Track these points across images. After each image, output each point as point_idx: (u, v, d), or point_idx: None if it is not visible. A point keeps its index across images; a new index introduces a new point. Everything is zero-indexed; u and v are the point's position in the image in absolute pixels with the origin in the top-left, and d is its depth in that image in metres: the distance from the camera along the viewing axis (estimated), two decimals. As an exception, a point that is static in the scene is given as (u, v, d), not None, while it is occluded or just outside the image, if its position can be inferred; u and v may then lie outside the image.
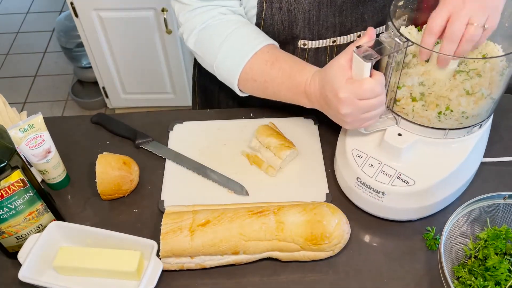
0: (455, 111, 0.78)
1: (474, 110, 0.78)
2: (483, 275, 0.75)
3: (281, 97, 0.90)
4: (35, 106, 2.68)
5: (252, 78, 0.90)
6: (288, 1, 0.91)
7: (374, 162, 0.83)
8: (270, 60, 0.88)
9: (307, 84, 0.84)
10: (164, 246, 0.79)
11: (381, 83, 0.74)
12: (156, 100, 2.46)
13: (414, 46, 0.77)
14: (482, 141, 0.88)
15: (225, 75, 0.93)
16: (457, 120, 0.79)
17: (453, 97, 0.77)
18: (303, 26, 0.95)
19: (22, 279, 0.77)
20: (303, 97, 0.86)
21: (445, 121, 0.80)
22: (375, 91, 0.74)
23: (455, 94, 0.77)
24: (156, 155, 1.01)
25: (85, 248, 0.83)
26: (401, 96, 0.81)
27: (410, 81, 0.79)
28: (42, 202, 0.83)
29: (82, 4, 2.03)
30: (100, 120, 1.08)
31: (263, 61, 0.89)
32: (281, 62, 0.88)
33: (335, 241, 0.80)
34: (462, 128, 0.81)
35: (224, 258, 0.81)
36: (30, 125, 0.87)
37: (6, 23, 3.26)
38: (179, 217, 0.81)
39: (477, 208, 0.80)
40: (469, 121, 0.80)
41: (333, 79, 0.76)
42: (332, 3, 0.92)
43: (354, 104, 0.75)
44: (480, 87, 0.77)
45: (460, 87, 0.77)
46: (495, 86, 0.78)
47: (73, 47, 2.48)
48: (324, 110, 0.84)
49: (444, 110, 0.78)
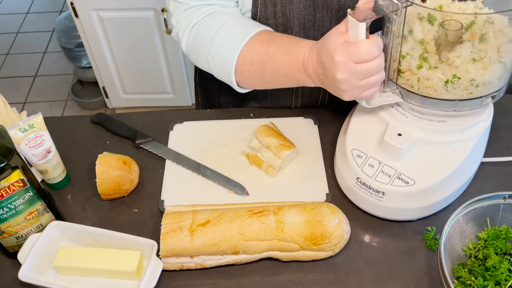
0: (463, 78, 0.73)
1: (484, 77, 0.74)
2: (483, 275, 0.75)
3: (280, 78, 0.86)
4: (35, 106, 2.68)
5: (249, 61, 0.86)
6: (283, 5, 0.90)
7: (374, 162, 0.83)
8: (267, 40, 0.85)
9: (306, 58, 0.80)
10: (164, 246, 0.79)
11: (378, 44, 0.70)
12: (156, 100, 2.46)
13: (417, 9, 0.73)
14: (482, 141, 0.88)
15: (221, 64, 0.89)
16: (466, 89, 0.75)
17: (459, 63, 0.73)
18: (298, 31, 0.94)
19: (22, 279, 0.77)
20: (302, 74, 0.83)
21: (453, 91, 0.76)
22: (371, 53, 0.70)
23: (461, 60, 0.73)
24: (156, 155, 1.01)
25: (85, 248, 0.84)
26: (405, 67, 0.77)
27: (413, 48, 0.75)
28: (42, 202, 0.83)
29: (82, 4, 2.03)
30: (100, 120, 1.08)
31: (260, 41, 0.85)
32: (278, 40, 0.85)
33: (335, 241, 0.80)
34: (473, 99, 0.76)
35: (224, 258, 0.81)
36: (30, 125, 0.87)
37: (6, 23, 3.26)
38: (179, 217, 0.81)
39: (477, 208, 0.80)
40: (480, 90, 0.75)
41: (329, 43, 0.73)
42: (328, 8, 0.91)
43: (350, 68, 0.72)
44: (486, 52, 0.72)
45: (466, 53, 0.73)
46: (504, 51, 0.74)
47: (73, 47, 2.48)
48: (322, 82, 0.80)
49: (451, 78, 0.74)
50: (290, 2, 0.90)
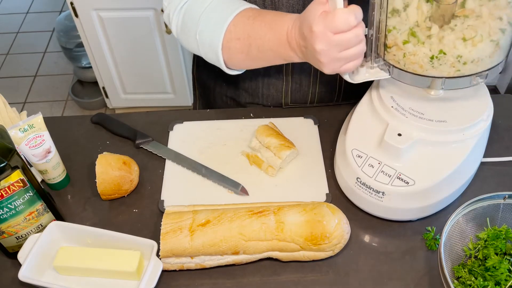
0: (449, 54, 0.72)
1: (472, 54, 0.72)
2: (483, 275, 0.75)
3: (266, 53, 0.84)
4: (35, 106, 2.68)
5: (235, 36, 0.84)
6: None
7: (374, 162, 0.83)
8: (253, 15, 0.84)
9: (289, 30, 0.79)
10: (164, 246, 0.79)
11: (355, 13, 0.68)
12: (156, 100, 2.46)
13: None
14: (482, 141, 0.88)
15: (208, 41, 0.87)
16: (453, 65, 0.73)
17: (448, 40, 0.71)
18: None
19: (22, 279, 0.77)
20: (287, 47, 0.81)
21: (439, 67, 0.74)
22: (348, 22, 0.68)
23: (451, 36, 0.71)
24: (156, 155, 1.01)
25: (85, 248, 0.84)
26: (391, 42, 0.76)
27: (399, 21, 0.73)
28: (42, 202, 0.83)
29: (82, 4, 2.03)
30: (100, 120, 1.08)
31: (246, 17, 0.84)
32: (264, 15, 0.84)
33: (335, 241, 0.80)
34: (461, 76, 0.74)
35: (224, 258, 0.81)
36: (30, 125, 0.87)
37: (6, 23, 3.26)
38: (179, 217, 0.81)
39: (477, 208, 0.80)
40: (469, 67, 0.73)
41: (309, 14, 0.72)
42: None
43: (328, 38, 0.70)
44: (477, 30, 0.71)
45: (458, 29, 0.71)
46: (495, 28, 0.72)
47: (73, 47, 2.48)
48: (304, 55, 0.79)
49: (437, 54, 0.72)
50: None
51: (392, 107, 0.85)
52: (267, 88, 1.09)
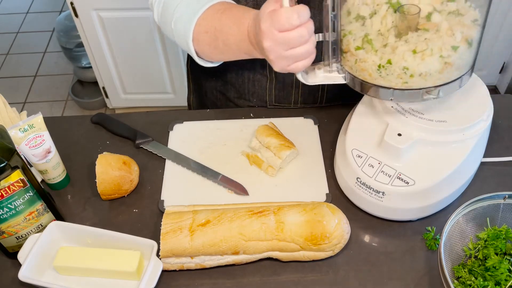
0: (396, 65, 0.71)
1: (420, 67, 0.71)
2: (483, 275, 0.75)
3: (231, 46, 0.85)
4: (35, 106, 2.68)
5: (204, 29, 0.86)
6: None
7: (374, 162, 0.83)
8: (222, 9, 0.85)
9: (249, 26, 0.79)
10: (164, 246, 0.79)
11: (298, 13, 0.68)
12: (156, 100, 2.46)
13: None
14: (482, 141, 0.88)
15: (181, 32, 0.89)
16: (400, 77, 0.73)
17: (399, 51, 0.71)
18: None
19: (22, 279, 0.77)
20: (248, 43, 0.81)
21: (386, 77, 0.73)
22: (290, 21, 0.68)
23: (403, 48, 0.71)
24: (156, 155, 1.01)
25: (85, 248, 0.84)
26: (346, 47, 0.75)
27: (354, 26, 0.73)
28: (42, 202, 0.83)
29: (82, 4, 2.03)
30: (100, 120, 1.08)
31: (215, 10, 0.85)
32: (231, 9, 0.84)
33: (335, 241, 0.80)
34: (409, 89, 0.73)
35: (224, 258, 0.81)
36: (30, 125, 0.87)
37: (6, 23, 3.26)
38: (179, 217, 0.81)
39: (477, 208, 0.80)
40: (416, 81, 0.72)
41: (261, 11, 0.73)
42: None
43: (274, 36, 0.70)
44: (429, 44, 0.70)
45: (412, 41, 0.70)
46: (447, 47, 0.71)
47: (73, 47, 2.48)
48: (260, 51, 0.79)
49: (384, 63, 0.72)
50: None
51: (392, 107, 0.85)
52: (252, 85, 1.10)
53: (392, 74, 0.73)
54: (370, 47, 0.73)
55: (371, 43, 0.73)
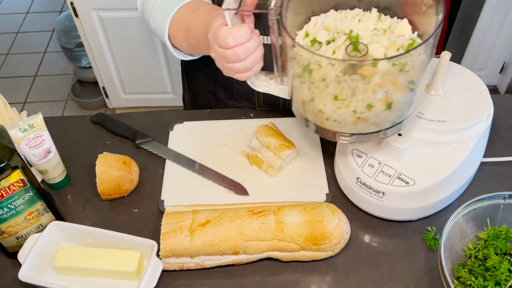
0: (316, 104, 0.71)
1: (334, 115, 0.71)
2: (483, 275, 0.75)
3: (201, 44, 0.87)
4: (35, 106, 2.68)
5: (177, 28, 0.89)
6: None
7: (374, 162, 0.83)
8: (193, 8, 0.88)
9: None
10: (164, 246, 0.79)
11: (235, 35, 0.70)
12: (156, 100, 2.46)
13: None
14: (482, 141, 0.88)
15: (159, 29, 0.92)
16: (317, 116, 0.74)
17: (325, 92, 0.70)
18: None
19: (22, 279, 0.77)
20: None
21: (306, 109, 0.75)
22: (225, 41, 0.71)
23: (330, 89, 0.70)
24: (156, 155, 1.01)
25: (85, 248, 0.84)
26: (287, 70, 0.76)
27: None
28: (42, 202, 0.83)
29: (82, 4, 2.03)
30: (100, 120, 1.08)
31: (187, 8, 0.88)
32: (202, 8, 0.87)
33: (335, 241, 0.80)
34: (326, 129, 0.75)
35: (224, 258, 0.81)
36: (30, 125, 0.87)
37: (6, 23, 3.26)
38: (179, 217, 0.81)
39: (477, 208, 0.80)
40: (331, 124, 0.74)
41: (212, 23, 0.75)
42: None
43: (215, 49, 0.74)
44: (351, 95, 0.69)
45: (340, 87, 0.69)
46: (361, 104, 0.69)
47: (73, 47, 2.48)
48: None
49: (308, 98, 0.72)
50: None
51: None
52: (241, 86, 1.10)
53: (311, 111, 0.74)
54: (306, 76, 0.72)
55: (310, 73, 0.71)
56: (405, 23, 0.73)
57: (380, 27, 0.74)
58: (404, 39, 0.71)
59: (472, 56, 2.31)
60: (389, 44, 0.71)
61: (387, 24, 0.74)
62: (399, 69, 0.67)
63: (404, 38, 0.72)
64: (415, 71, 0.69)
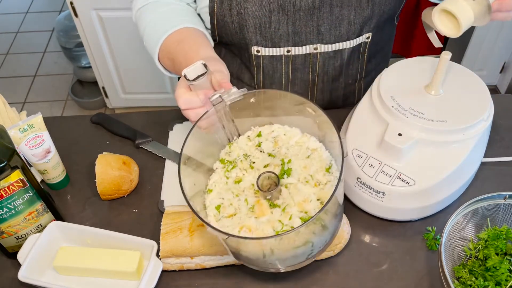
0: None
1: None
2: (483, 275, 0.75)
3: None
4: (35, 106, 2.68)
5: (165, 56, 0.92)
6: (238, 3, 0.91)
7: (374, 162, 0.83)
8: (180, 39, 0.89)
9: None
10: (164, 246, 0.79)
11: (183, 101, 0.74)
12: (156, 100, 2.46)
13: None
14: (483, 141, 0.88)
15: (150, 51, 0.95)
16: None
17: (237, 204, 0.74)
18: (254, 31, 0.94)
19: (21, 279, 0.77)
20: None
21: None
22: (178, 103, 0.75)
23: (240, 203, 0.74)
24: (156, 155, 1.01)
25: (85, 248, 0.83)
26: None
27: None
28: (41, 202, 0.83)
29: (82, 4, 2.03)
30: (100, 120, 1.08)
31: (174, 40, 0.90)
32: (185, 42, 0.88)
33: (335, 241, 0.80)
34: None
35: (224, 258, 0.81)
36: (29, 125, 0.87)
37: (6, 23, 3.25)
38: (179, 217, 0.81)
39: (477, 208, 0.79)
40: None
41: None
42: (284, 11, 0.91)
43: (177, 100, 0.77)
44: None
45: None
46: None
47: (73, 47, 2.48)
48: None
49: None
50: (245, 0, 0.91)
51: (393, 107, 0.84)
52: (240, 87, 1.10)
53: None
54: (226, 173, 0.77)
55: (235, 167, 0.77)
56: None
57: (318, 179, 0.74)
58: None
59: (472, 56, 2.31)
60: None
61: (327, 179, 0.74)
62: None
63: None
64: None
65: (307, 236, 0.68)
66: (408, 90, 0.87)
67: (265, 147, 0.78)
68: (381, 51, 1.10)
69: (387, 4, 0.94)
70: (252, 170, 0.76)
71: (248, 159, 0.77)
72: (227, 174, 0.77)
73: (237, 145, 0.80)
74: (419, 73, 0.90)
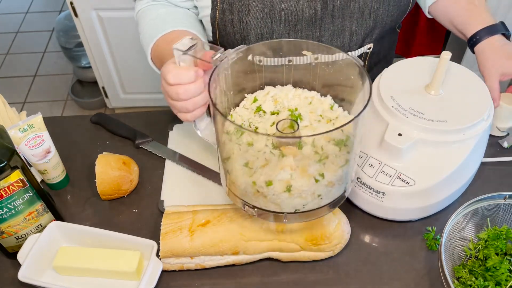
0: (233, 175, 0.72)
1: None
2: (483, 275, 0.75)
3: None
4: (35, 106, 2.68)
5: (156, 55, 0.92)
6: (239, 14, 0.91)
7: (374, 162, 0.83)
8: (170, 39, 0.90)
9: None
10: (164, 246, 0.79)
11: (174, 74, 0.72)
12: (156, 100, 2.45)
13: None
14: (483, 141, 0.88)
15: (144, 49, 0.97)
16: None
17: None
18: (255, 41, 0.95)
19: (21, 279, 0.77)
20: None
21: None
22: (166, 78, 0.73)
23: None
24: (156, 155, 1.01)
25: (85, 248, 0.83)
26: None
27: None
28: (41, 202, 0.83)
29: (82, 4, 2.03)
30: (100, 120, 1.08)
31: (164, 40, 0.91)
32: (174, 42, 0.87)
33: (335, 241, 0.80)
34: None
35: (224, 258, 0.81)
36: (29, 125, 0.87)
37: (6, 23, 3.25)
38: (179, 217, 0.81)
39: (477, 208, 0.79)
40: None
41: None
42: (286, 22, 0.92)
43: (162, 82, 0.76)
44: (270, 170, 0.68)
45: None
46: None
47: (73, 47, 2.48)
48: None
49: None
50: (247, 11, 0.91)
51: (393, 107, 0.84)
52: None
53: (223, 170, 0.75)
54: (234, 139, 0.71)
55: (240, 133, 0.71)
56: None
57: (327, 115, 0.75)
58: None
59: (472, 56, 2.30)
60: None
61: (334, 114, 0.75)
62: (318, 159, 0.66)
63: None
64: (330, 166, 0.68)
65: (319, 168, 0.67)
66: (408, 90, 0.87)
67: (266, 107, 0.77)
68: (383, 60, 1.10)
69: (390, 16, 0.94)
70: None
71: (252, 126, 0.75)
72: (238, 141, 0.71)
73: (237, 114, 0.78)
74: (419, 73, 0.90)
